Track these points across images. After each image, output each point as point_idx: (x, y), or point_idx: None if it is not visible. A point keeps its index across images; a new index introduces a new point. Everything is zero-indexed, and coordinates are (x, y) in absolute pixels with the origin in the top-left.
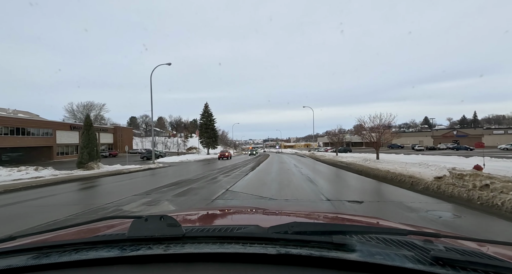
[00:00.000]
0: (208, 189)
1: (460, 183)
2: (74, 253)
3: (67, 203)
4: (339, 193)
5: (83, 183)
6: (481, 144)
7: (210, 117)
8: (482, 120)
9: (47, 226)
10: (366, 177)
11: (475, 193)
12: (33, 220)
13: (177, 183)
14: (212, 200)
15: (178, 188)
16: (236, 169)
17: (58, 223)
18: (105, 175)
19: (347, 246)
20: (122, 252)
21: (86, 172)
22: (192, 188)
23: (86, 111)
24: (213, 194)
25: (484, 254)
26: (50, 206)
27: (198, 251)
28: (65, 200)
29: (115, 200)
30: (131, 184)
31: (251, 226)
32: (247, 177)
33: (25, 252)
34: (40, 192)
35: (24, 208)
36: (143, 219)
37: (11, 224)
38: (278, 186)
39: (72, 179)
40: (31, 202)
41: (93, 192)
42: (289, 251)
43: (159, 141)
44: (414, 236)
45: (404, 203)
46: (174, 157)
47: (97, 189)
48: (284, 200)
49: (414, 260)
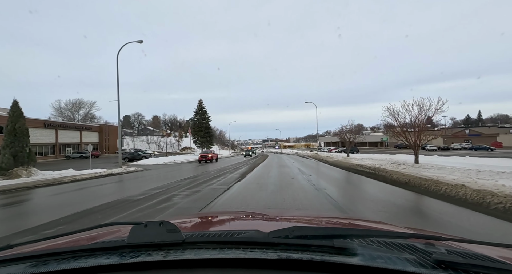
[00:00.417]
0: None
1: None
2: (73, 260)
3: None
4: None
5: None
6: (498, 143)
7: (204, 114)
8: (487, 120)
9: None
10: (437, 200)
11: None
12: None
13: (92, 211)
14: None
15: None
16: (218, 178)
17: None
18: (24, 187)
19: (348, 250)
20: (121, 259)
21: (2, 183)
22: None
23: (74, 109)
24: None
25: (486, 257)
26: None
27: (198, 257)
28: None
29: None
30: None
31: (252, 231)
32: (226, 195)
33: (23, 261)
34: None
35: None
36: (143, 225)
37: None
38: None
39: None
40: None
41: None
42: (290, 255)
43: (152, 141)
44: (416, 239)
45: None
46: (161, 158)
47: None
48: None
49: (416, 263)
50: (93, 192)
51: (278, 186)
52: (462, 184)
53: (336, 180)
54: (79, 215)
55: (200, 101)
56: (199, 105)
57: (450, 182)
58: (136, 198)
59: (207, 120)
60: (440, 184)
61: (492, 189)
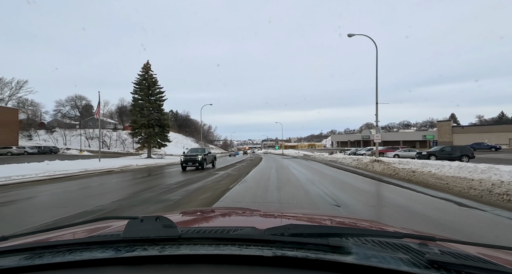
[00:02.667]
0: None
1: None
2: (68, 253)
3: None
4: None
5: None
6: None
7: (154, 86)
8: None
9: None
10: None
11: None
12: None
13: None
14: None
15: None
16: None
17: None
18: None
19: (343, 249)
20: (116, 253)
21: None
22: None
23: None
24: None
25: (479, 257)
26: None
27: (193, 252)
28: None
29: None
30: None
31: (248, 228)
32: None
33: (18, 253)
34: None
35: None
36: (139, 220)
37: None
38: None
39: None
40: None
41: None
42: (285, 253)
43: (95, 136)
44: (410, 239)
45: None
46: (69, 163)
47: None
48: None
49: (410, 263)
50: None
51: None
52: None
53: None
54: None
55: (146, 64)
56: (144, 68)
57: None
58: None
59: (158, 98)
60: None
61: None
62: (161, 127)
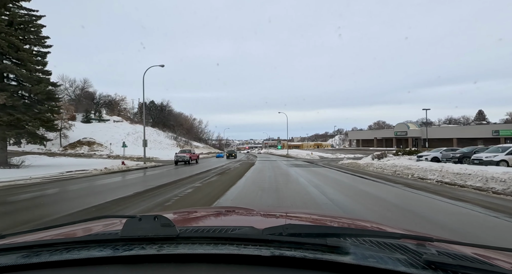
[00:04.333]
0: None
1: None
2: (66, 252)
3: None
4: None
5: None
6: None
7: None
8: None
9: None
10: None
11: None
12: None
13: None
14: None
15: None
16: None
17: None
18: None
19: (341, 249)
20: (114, 252)
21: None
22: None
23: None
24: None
25: (476, 258)
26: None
27: (191, 251)
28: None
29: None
30: None
31: (246, 227)
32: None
33: (15, 251)
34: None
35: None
36: (137, 219)
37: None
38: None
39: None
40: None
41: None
42: (283, 253)
43: None
44: (407, 240)
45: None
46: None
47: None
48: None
49: (407, 263)
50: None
51: None
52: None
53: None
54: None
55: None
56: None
57: None
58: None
59: (28, 30)
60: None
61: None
62: (40, 100)
